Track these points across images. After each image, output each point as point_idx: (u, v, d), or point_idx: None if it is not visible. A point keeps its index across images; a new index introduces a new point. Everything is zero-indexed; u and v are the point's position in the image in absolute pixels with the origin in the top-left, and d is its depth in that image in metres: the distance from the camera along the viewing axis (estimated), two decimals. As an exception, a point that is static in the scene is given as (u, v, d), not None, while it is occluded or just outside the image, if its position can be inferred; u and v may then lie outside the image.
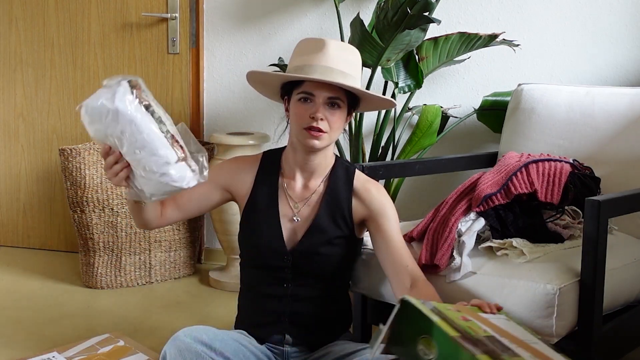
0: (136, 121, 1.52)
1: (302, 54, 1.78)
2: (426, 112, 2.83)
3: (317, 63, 1.74)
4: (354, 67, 1.78)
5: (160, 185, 1.57)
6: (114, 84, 1.54)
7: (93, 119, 1.55)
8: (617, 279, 1.88)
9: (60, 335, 2.63)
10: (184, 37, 3.45)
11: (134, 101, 1.53)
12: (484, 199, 1.92)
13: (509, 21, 2.94)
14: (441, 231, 1.92)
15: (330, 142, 1.79)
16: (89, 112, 1.55)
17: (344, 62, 1.76)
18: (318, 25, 3.26)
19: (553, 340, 1.75)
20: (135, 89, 1.54)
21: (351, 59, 1.79)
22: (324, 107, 1.74)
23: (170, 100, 3.50)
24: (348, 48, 1.82)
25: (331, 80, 1.71)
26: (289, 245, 1.81)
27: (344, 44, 1.84)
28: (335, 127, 1.76)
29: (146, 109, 1.54)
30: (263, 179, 1.87)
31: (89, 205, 3.08)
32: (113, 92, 1.52)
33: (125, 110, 1.51)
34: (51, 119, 3.66)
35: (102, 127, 1.55)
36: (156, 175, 1.56)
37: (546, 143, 2.42)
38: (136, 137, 1.53)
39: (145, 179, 1.58)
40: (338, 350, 1.75)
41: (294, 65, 1.78)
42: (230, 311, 1.97)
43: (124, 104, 1.51)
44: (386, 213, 1.85)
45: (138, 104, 1.53)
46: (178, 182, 1.58)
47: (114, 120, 1.52)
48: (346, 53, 1.79)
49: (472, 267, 1.87)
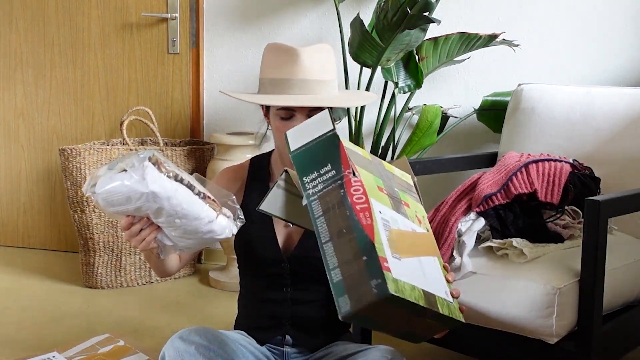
0: (174, 197, 1.51)
1: (275, 65, 1.74)
2: (426, 112, 2.83)
3: (293, 77, 1.71)
4: (328, 69, 1.75)
5: (202, 240, 1.59)
6: (137, 166, 1.49)
7: (115, 203, 1.51)
8: (617, 279, 1.88)
9: (60, 335, 2.63)
10: (184, 37, 3.45)
11: (164, 178, 1.51)
12: (484, 199, 1.92)
13: (509, 21, 2.94)
14: (441, 231, 1.92)
15: None
16: (109, 198, 1.50)
17: (319, 69, 1.72)
18: (318, 25, 3.26)
19: (553, 340, 1.75)
20: (159, 164, 1.52)
21: (324, 61, 1.75)
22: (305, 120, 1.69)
23: (170, 100, 3.50)
24: (319, 49, 1.77)
25: (310, 103, 1.68)
26: (286, 252, 1.78)
27: (314, 46, 1.78)
28: None
29: (176, 180, 1.53)
30: (253, 186, 1.84)
31: (89, 205, 3.08)
32: (141, 175, 1.48)
33: (161, 190, 1.49)
34: (51, 119, 3.66)
35: (129, 208, 1.52)
36: (199, 235, 1.57)
37: (546, 143, 2.42)
38: (176, 209, 1.52)
39: (184, 238, 1.58)
40: (339, 351, 1.74)
41: (268, 77, 1.75)
42: (230, 311, 1.97)
43: (157, 184, 1.49)
44: None
45: (168, 178, 1.51)
46: (223, 235, 1.59)
47: (148, 201, 1.50)
48: (319, 56, 1.74)
49: (472, 267, 1.87)
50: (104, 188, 1.49)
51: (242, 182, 1.85)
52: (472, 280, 1.85)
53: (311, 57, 1.73)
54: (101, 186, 1.49)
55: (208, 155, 3.31)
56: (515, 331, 1.81)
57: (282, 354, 1.81)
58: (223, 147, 3.19)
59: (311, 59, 1.73)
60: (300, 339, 1.80)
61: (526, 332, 1.79)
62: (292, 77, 1.72)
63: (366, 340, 2.16)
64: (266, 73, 1.76)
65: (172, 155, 3.19)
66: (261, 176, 1.84)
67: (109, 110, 3.58)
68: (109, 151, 3.09)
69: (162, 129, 3.47)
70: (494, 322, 1.84)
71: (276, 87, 1.73)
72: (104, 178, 1.50)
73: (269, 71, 1.76)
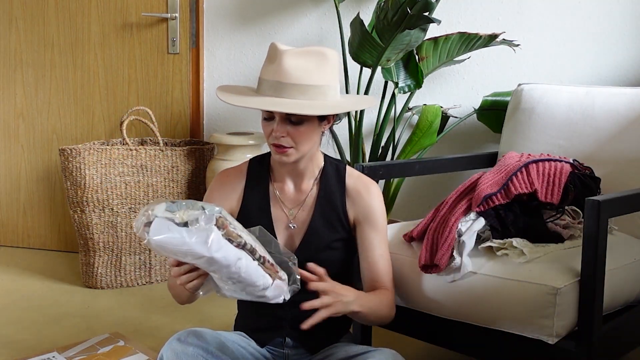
0: (234, 265, 1.48)
1: (264, 65, 1.73)
2: (426, 112, 2.83)
3: (270, 77, 1.68)
4: (317, 74, 1.68)
5: (251, 297, 1.58)
6: (202, 227, 1.43)
7: (169, 251, 1.46)
8: (617, 279, 1.88)
9: (60, 335, 2.63)
10: (184, 37, 3.45)
11: (229, 247, 1.47)
12: (484, 199, 1.92)
13: (509, 21, 2.94)
14: (441, 231, 1.92)
15: (301, 155, 1.72)
16: (164, 246, 1.44)
17: (301, 72, 1.66)
18: (318, 25, 3.26)
19: (553, 340, 1.75)
20: (224, 227, 1.47)
21: (312, 66, 1.68)
22: (285, 124, 1.68)
23: (170, 100, 3.50)
24: (310, 53, 1.69)
25: (276, 108, 1.63)
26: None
27: (307, 49, 1.71)
28: (301, 141, 1.69)
29: (238, 245, 1.49)
30: (253, 188, 1.82)
31: (89, 205, 3.08)
32: (204, 239, 1.42)
33: (222, 259, 1.46)
34: (51, 119, 3.66)
35: (183, 259, 1.50)
36: (250, 295, 1.56)
37: (546, 143, 2.42)
38: (233, 275, 1.50)
39: (234, 292, 1.56)
40: (339, 353, 1.73)
41: (259, 76, 1.74)
42: (230, 311, 1.97)
43: (220, 253, 1.45)
44: (371, 219, 1.80)
45: (232, 245, 1.47)
46: (274, 301, 1.58)
47: (207, 263, 1.47)
48: (306, 60, 1.68)
49: (472, 267, 1.87)
50: (160, 236, 1.41)
51: (241, 184, 1.84)
52: (472, 280, 1.85)
53: (295, 60, 1.67)
54: (157, 232, 1.41)
55: (208, 155, 3.31)
56: (515, 331, 1.81)
57: (283, 356, 1.80)
58: (223, 147, 3.19)
59: (294, 62, 1.67)
60: (300, 341, 1.80)
61: (526, 332, 1.79)
62: (269, 78, 1.69)
63: (366, 341, 2.16)
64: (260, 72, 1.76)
65: (172, 156, 3.19)
66: (261, 176, 1.84)
67: (109, 110, 3.58)
68: (109, 151, 3.09)
69: (162, 129, 3.47)
70: (494, 322, 1.84)
71: (259, 86, 1.73)
72: (160, 223, 1.42)
73: (261, 70, 1.75)
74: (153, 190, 3.16)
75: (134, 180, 3.13)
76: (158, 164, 3.17)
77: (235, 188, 1.83)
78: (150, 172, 3.15)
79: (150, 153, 3.15)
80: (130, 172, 3.12)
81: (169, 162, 3.19)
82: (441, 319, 1.94)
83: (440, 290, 1.89)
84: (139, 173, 3.13)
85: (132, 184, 3.12)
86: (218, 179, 1.87)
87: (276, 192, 1.81)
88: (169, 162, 3.19)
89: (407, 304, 2.00)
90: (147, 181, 3.15)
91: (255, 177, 1.84)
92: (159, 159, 3.17)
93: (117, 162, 3.10)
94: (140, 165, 3.14)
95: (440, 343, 2.04)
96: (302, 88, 1.67)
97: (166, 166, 3.18)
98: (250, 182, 1.83)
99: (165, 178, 3.19)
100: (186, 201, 1.47)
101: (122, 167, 3.11)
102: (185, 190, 3.23)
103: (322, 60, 1.70)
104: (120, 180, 3.10)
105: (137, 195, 3.13)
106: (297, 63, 1.67)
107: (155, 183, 3.16)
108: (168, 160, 3.19)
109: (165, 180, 3.19)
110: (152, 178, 3.16)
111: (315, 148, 1.78)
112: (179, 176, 3.22)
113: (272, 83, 1.68)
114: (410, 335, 2.09)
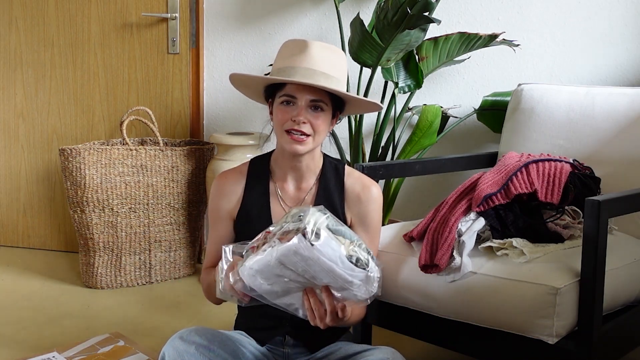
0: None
1: (285, 56, 1.76)
2: (426, 112, 2.83)
3: (299, 65, 1.71)
4: (337, 68, 1.75)
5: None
6: (374, 278, 1.52)
7: (291, 266, 1.52)
8: (617, 279, 1.88)
9: (60, 335, 2.63)
10: (184, 37, 3.45)
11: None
12: (484, 199, 1.92)
13: (509, 21, 2.94)
14: (441, 231, 1.92)
15: (315, 145, 1.76)
16: (295, 263, 1.50)
17: (327, 64, 1.73)
18: (318, 25, 3.26)
19: (553, 340, 1.75)
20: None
21: (334, 60, 1.76)
22: (307, 110, 1.72)
23: (170, 100, 3.50)
24: (332, 49, 1.78)
25: (312, 82, 1.69)
26: None
27: (328, 45, 1.80)
28: (319, 131, 1.73)
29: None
30: (253, 187, 1.84)
31: (89, 205, 3.08)
32: (371, 282, 1.53)
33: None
34: (51, 119, 3.66)
35: (280, 277, 1.55)
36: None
37: (546, 143, 2.42)
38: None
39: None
40: (339, 352, 1.74)
41: (277, 67, 1.76)
42: (230, 311, 1.97)
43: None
44: (365, 222, 1.83)
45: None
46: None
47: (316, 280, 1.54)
48: (329, 54, 1.75)
49: (472, 267, 1.87)
50: (324, 250, 1.47)
51: (241, 183, 1.85)
52: (472, 280, 1.85)
53: (321, 51, 1.74)
54: (324, 245, 1.47)
55: (208, 155, 3.32)
56: (515, 331, 1.81)
57: (283, 355, 1.80)
58: (223, 147, 3.19)
59: (321, 53, 1.74)
60: (300, 340, 1.80)
61: (526, 332, 1.79)
62: (298, 65, 1.72)
63: (366, 341, 2.17)
64: (276, 64, 1.78)
65: (172, 156, 3.19)
66: (262, 174, 1.85)
67: (108, 110, 3.58)
68: (109, 151, 3.09)
69: (162, 129, 3.47)
70: (494, 322, 1.84)
71: (282, 73, 1.74)
72: (328, 240, 1.47)
73: (279, 62, 1.77)
74: (153, 190, 3.16)
75: (134, 180, 3.13)
76: (158, 164, 3.17)
77: (235, 189, 1.85)
78: (150, 172, 3.15)
79: (150, 153, 3.15)
80: (130, 172, 3.12)
81: (169, 162, 3.19)
82: (441, 319, 1.94)
83: (440, 290, 1.89)
84: (139, 173, 3.13)
85: (132, 184, 3.12)
86: (217, 179, 1.89)
87: (277, 190, 1.82)
88: (169, 162, 3.19)
89: (407, 304, 2.00)
90: (147, 181, 3.15)
91: (255, 175, 1.85)
92: (159, 159, 3.17)
93: (117, 162, 3.10)
94: (140, 165, 3.14)
95: (440, 343, 2.04)
96: (329, 77, 1.72)
97: (166, 166, 3.19)
98: (250, 181, 1.85)
99: (165, 178, 3.19)
100: (336, 222, 1.52)
101: (122, 167, 3.11)
102: (185, 190, 3.23)
103: (341, 56, 1.79)
104: (120, 180, 3.10)
105: (137, 195, 3.13)
106: (325, 54, 1.74)
107: (155, 183, 3.16)
108: (168, 160, 3.19)
109: (165, 180, 3.19)
110: (152, 178, 3.16)
111: (319, 145, 1.81)
112: (179, 176, 3.22)
113: (302, 70, 1.71)
114: (410, 335, 2.09)
